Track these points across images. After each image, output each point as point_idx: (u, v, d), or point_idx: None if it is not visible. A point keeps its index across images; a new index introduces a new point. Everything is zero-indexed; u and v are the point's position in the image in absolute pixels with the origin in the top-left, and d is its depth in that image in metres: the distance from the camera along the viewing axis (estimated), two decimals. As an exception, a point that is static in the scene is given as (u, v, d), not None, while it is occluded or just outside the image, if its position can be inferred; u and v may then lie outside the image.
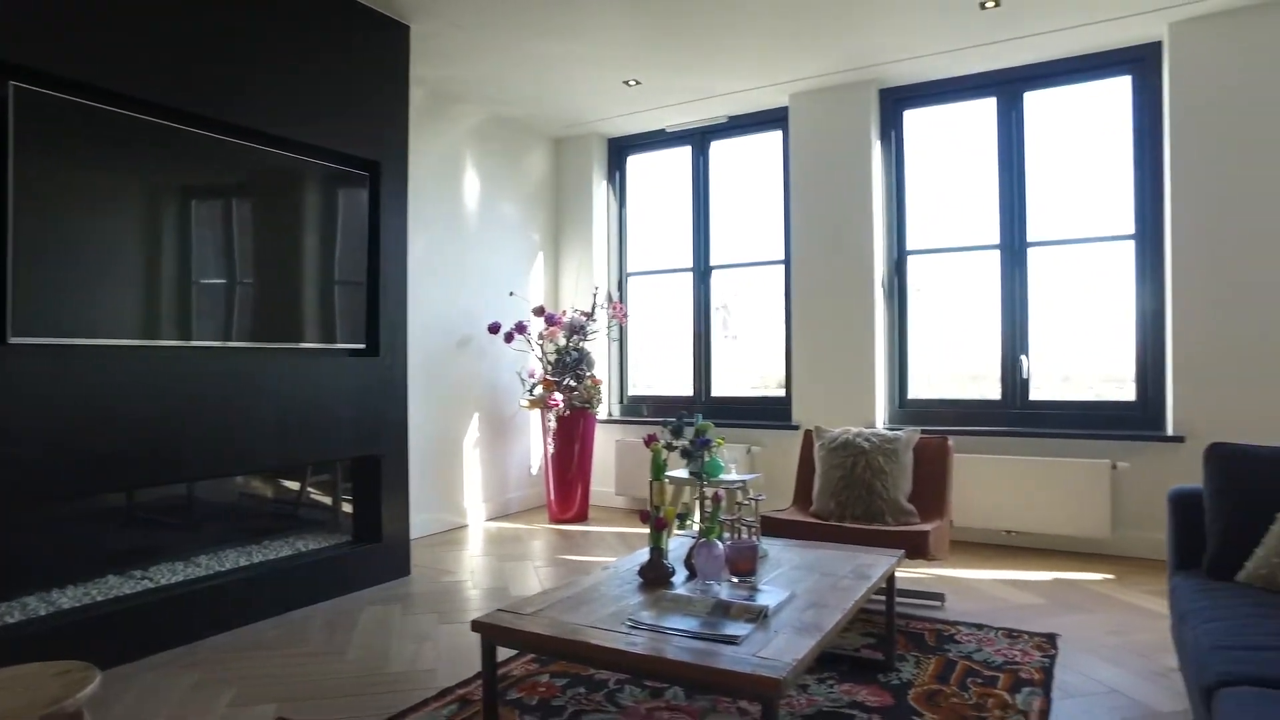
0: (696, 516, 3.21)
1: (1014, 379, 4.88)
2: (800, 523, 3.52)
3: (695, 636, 1.99)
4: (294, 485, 4.18)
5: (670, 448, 2.62)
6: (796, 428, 5.25)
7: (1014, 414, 4.85)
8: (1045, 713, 2.52)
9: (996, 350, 4.96)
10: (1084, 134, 4.89)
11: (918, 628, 3.30)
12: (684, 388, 6.10)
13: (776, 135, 5.69)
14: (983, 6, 4.16)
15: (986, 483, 4.62)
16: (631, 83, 5.21)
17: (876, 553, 2.86)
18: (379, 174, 4.13)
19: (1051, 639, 3.16)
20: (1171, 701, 2.58)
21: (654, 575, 2.48)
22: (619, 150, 6.38)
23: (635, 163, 6.41)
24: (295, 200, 3.74)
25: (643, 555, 2.66)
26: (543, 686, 2.75)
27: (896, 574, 4.04)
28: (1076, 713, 2.53)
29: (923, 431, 3.92)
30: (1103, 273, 4.79)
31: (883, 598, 2.91)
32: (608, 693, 2.68)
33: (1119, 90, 4.72)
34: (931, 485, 3.71)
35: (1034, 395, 4.85)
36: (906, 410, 5.16)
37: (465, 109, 5.55)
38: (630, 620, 2.09)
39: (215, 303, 3.43)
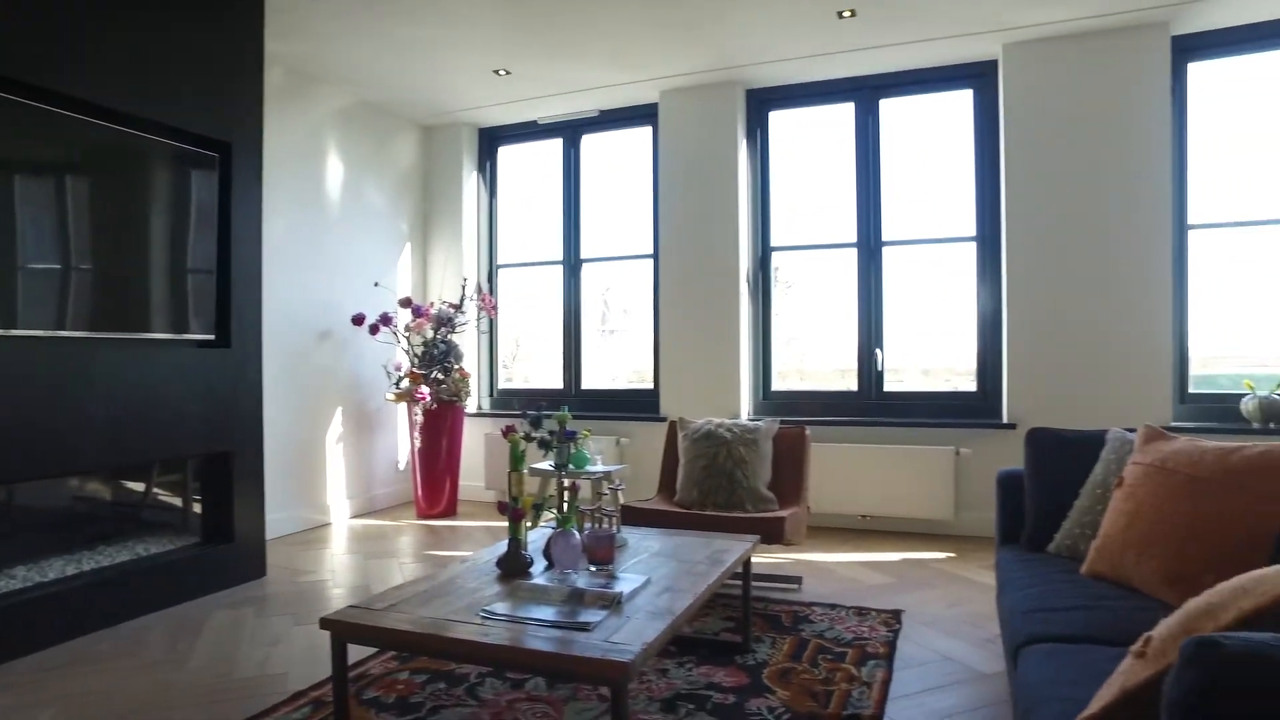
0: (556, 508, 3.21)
1: (869, 371, 5.15)
2: (662, 511, 3.59)
3: (548, 625, 2.00)
4: (139, 486, 3.91)
5: (529, 439, 2.61)
6: (664, 420, 5.34)
7: (869, 405, 5.12)
8: (887, 682, 2.68)
9: (855, 344, 5.21)
10: (933, 141, 5.21)
11: (775, 610, 3.42)
12: (555, 381, 6.09)
13: (647, 131, 5.76)
14: (840, 16, 4.35)
15: (844, 470, 4.86)
16: (502, 72, 5.15)
17: (734, 539, 2.96)
18: (230, 155, 3.90)
19: (897, 615, 3.36)
20: (995, 664, 2.80)
21: (512, 566, 2.47)
22: (490, 140, 6.29)
23: (507, 154, 6.34)
24: (137, 181, 3.49)
25: (503, 548, 2.65)
26: (401, 684, 2.69)
27: (758, 559, 4.23)
28: (913, 680, 2.70)
29: (782, 422, 4.07)
30: (950, 272, 5.11)
31: (741, 582, 3.01)
32: (468, 687, 2.65)
33: (963, 102, 5.05)
34: (790, 473, 3.87)
35: (888, 387, 5.13)
36: (770, 402, 5.35)
37: (328, 91, 5.33)
38: (484, 612, 2.08)
39: (45, 289, 3.15)
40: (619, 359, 6.06)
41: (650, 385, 5.70)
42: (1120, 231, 4.49)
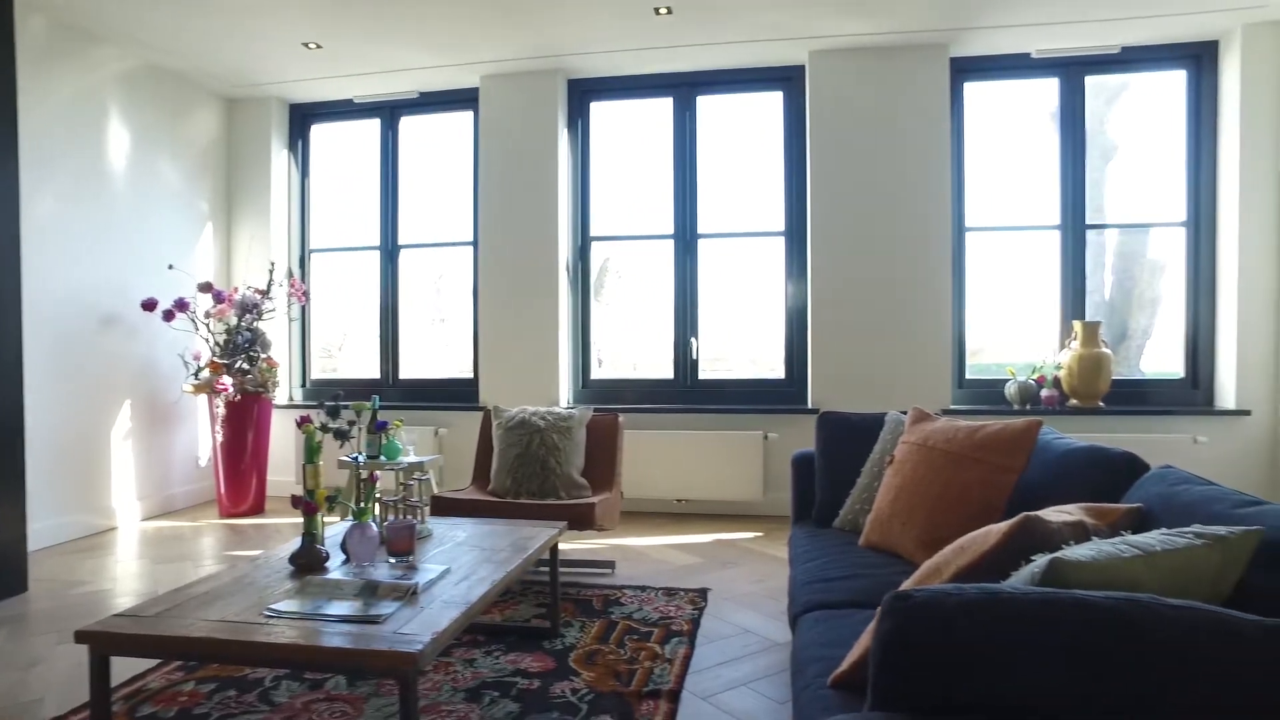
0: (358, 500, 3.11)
1: (685, 359, 5.33)
2: (473, 500, 3.55)
3: (337, 620, 1.94)
4: None
5: (326, 430, 2.51)
6: (484, 409, 5.28)
7: (685, 392, 5.30)
8: (688, 658, 2.79)
9: (672, 333, 5.38)
10: (747, 138, 5.45)
11: (587, 595, 3.48)
12: (372, 370, 5.87)
13: (468, 115, 5.65)
14: (657, 12, 4.45)
15: (661, 456, 5.00)
16: (312, 45, 4.88)
17: (542, 526, 2.98)
18: (-23, 118, 3.46)
19: (703, 593, 3.51)
20: (788, 634, 2.99)
21: (306, 562, 2.37)
22: (303, 117, 5.95)
23: (321, 132, 6.02)
24: None
25: (299, 543, 2.53)
26: (185, 695, 2.51)
27: (572, 545, 4.28)
28: (714, 653, 2.83)
29: (595, 410, 4.13)
30: (761, 264, 5.38)
31: (549, 569, 3.03)
32: (261, 692, 2.52)
33: (774, 103, 5.32)
34: (603, 460, 3.94)
35: (703, 375, 5.33)
36: (590, 390, 5.42)
37: (108, 52, 4.83)
38: (269, 610, 1.98)
39: None
40: (452, 348, 5.91)
41: (470, 374, 5.61)
42: (909, 231, 4.89)
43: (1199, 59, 4.91)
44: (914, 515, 2.25)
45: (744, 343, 5.51)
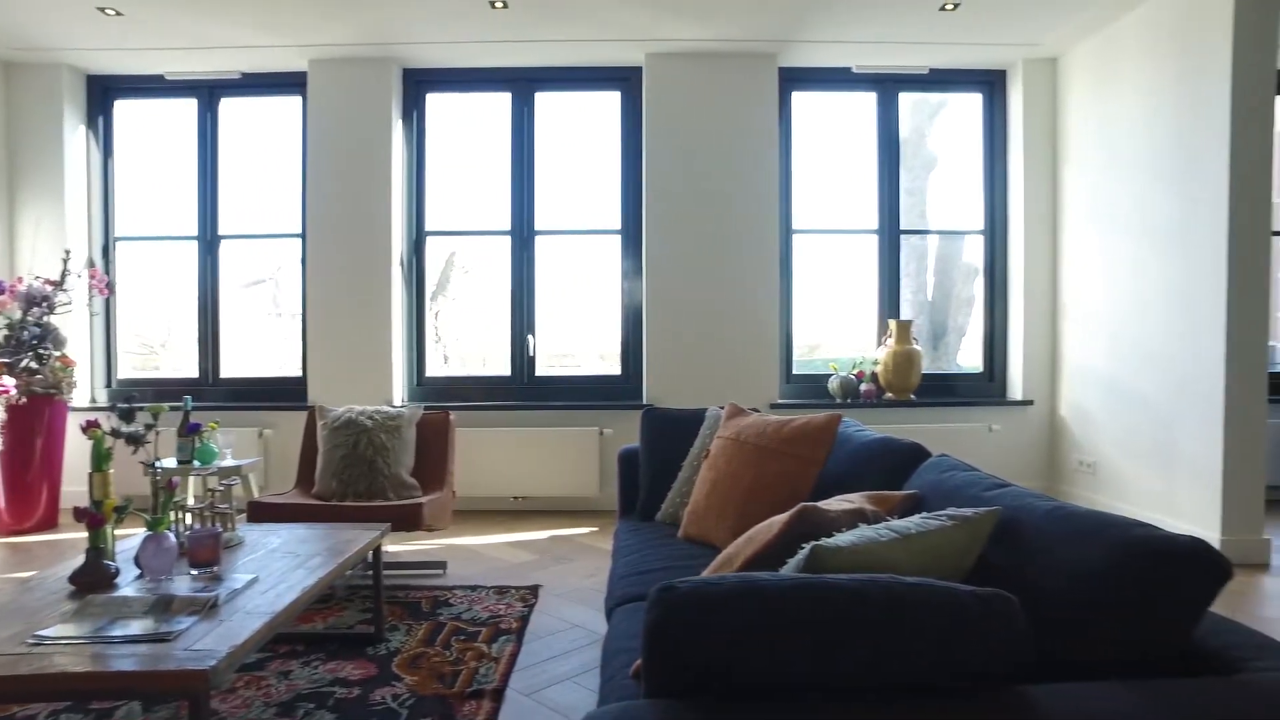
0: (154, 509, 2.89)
1: (522, 357, 5.31)
2: (295, 505, 3.39)
3: (122, 641, 1.80)
4: None
5: (118, 435, 2.32)
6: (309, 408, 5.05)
7: (523, 389, 5.28)
8: (515, 655, 2.79)
9: (509, 330, 5.34)
10: (585, 136, 5.48)
11: (416, 596, 3.40)
12: (191, 368, 5.47)
13: (296, 100, 5.36)
14: (493, 6, 4.40)
15: (498, 454, 4.96)
16: (110, 11, 4.47)
17: (363, 528, 2.88)
18: None
19: (535, 590, 3.51)
20: (615, 627, 3.05)
21: (90, 580, 2.18)
22: (104, 91, 5.44)
23: (127, 109, 5.53)
24: None
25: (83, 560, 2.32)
26: (-58, 736, 2.25)
27: (404, 547, 4.18)
28: (541, 649, 2.85)
29: (426, 408, 4.05)
30: (598, 261, 5.43)
31: (373, 572, 2.94)
32: (37, 725, 2.30)
33: (612, 102, 5.38)
34: (435, 459, 3.86)
35: (540, 372, 5.33)
36: (426, 388, 5.30)
37: None
38: (34, 637, 1.81)
39: None
40: (293, 344, 5.55)
41: (299, 373, 5.34)
42: (740, 232, 5.09)
43: (992, 85, 5.40)
44: (727, 507, 2.35)
45: (582, 340, 5.55)
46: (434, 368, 5.43)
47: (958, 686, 0.98)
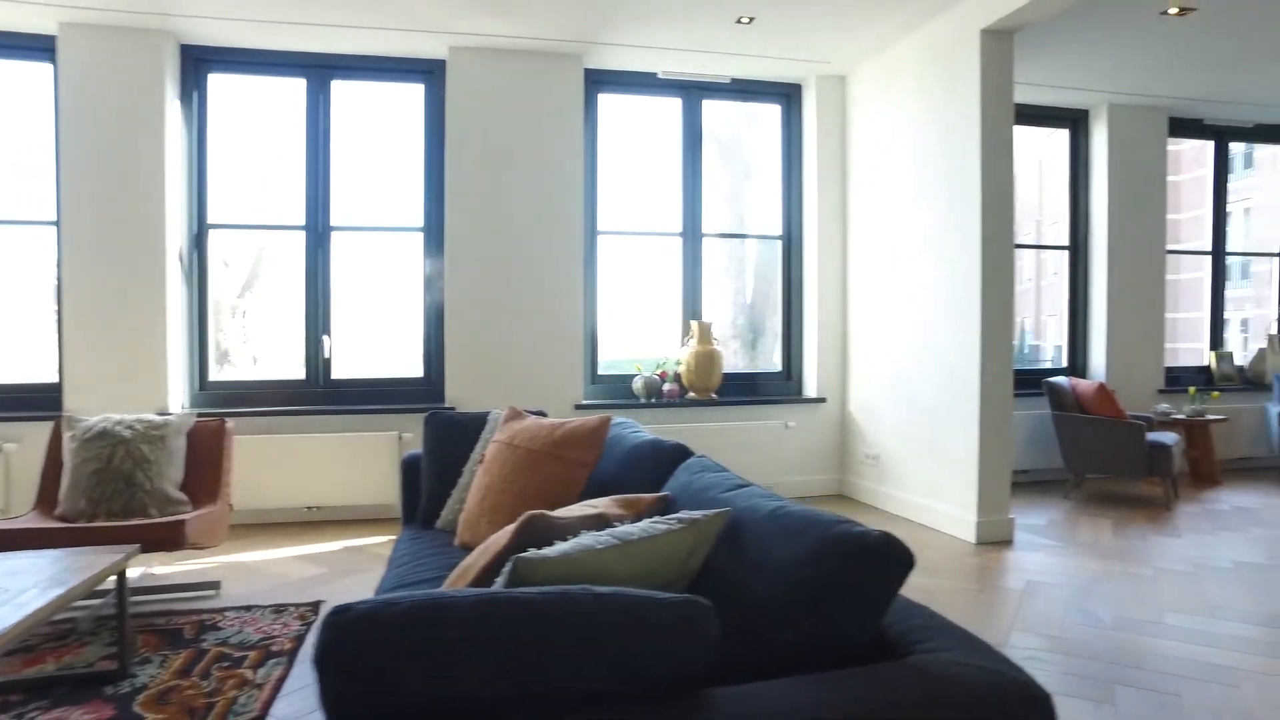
0: None
1: (317, 358, 5.02)
2: (29, 530, 3.01)
3: None
4: None
5: None
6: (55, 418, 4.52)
7: (317, 392, 4.99)
8: (282, 680, 2.61)
9: (303, 330, 5.02)
10: (387, 129, 5.26)
11: (179, 623, 3.12)
12: (-86, 374, 4.74)
13: (47, 68, 4.77)
14: (277, -17, 4.12)
15: (290, 462, 4.65)
16: None
17: (105, 552, 2.60)
18: None
19: (316, 606, 3.31)
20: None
21: None
22: None
23: None
24: None
25: None
26: None
27: (175, 568, 3.82)
28: (310, 673, 2.68)
29: (200, 415, 3.73)
30: (400, 260, 5.22)
31: (118, 600, 2.66)
32: None
33: (416, 95, 5.19)
34: (207, 470, 3.56)
35: (336, 374, 5.06)
36: (210, 393, 4.89)
37: None
38: None
39: None
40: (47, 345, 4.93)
41: (54, 378, 4.76)
42: (544, 232, 5.06)
43: (789, 97, 5.69)
44: (499, 513, 2.30)
45: (384, 341, 5.32)
46: (225, 372, 5.01)
47: (645, 694, 0.98)
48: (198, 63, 4.88)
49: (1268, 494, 5.62)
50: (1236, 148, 7.28)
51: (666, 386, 5.25)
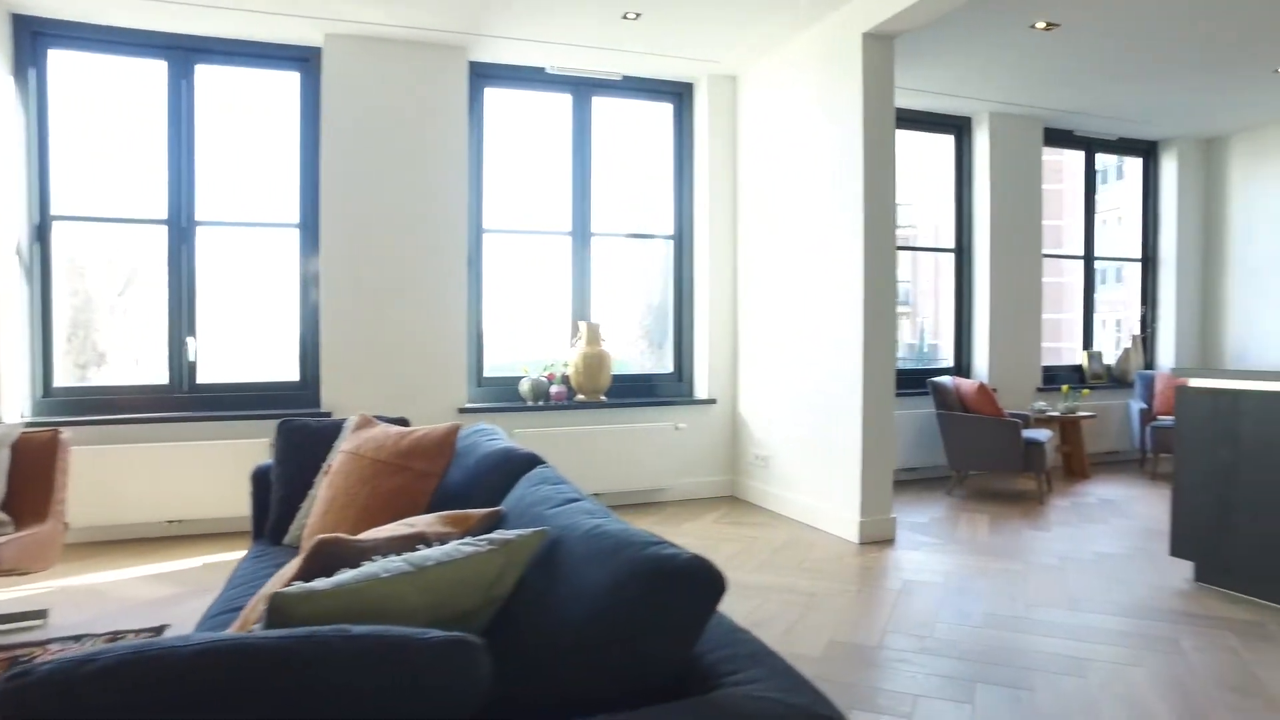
0: None
1: (181, 361, 4.69)
2: None
3: None
4: None
5: None
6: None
7: (181, 398, 4.67)
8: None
9: (166, 332, 4.69)
10: (259, 119, 4.96)
11: (-5, 655, 2.82)
12: None
13: None
14: (126, -44, 3.81)
15: (150, 472, 4.33)
16: None
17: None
18: None
19: (160, 630, 3.06)
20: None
21: None
22: None
23: None
24: None
25: None
26: None
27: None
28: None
29: (29, 426, 3.41)
30: (274, 257, 4.94)
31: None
32: None
33: (291, 83, 4.91)
34: (37, 487, 3.24)
35: (202, 378, 4.74)
36: (55, 400, 4.50)
37: None
38: None
39: None
40: None
41: (-128, 383, 4.30)
42: (427, 230, 4.87)
43: (681, 96, 5.65)
44: (344, 523, 2.15)
45: (256, 342, 5.02)
46: (99, 375, 4.62)
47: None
48: (34, 36, 4.48)
49: (1130, 486, 5.90)
50: (1112, 159, 7.66)
51: (554, 389, 5.13)
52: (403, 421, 2.93)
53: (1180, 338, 7.27)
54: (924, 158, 6.72)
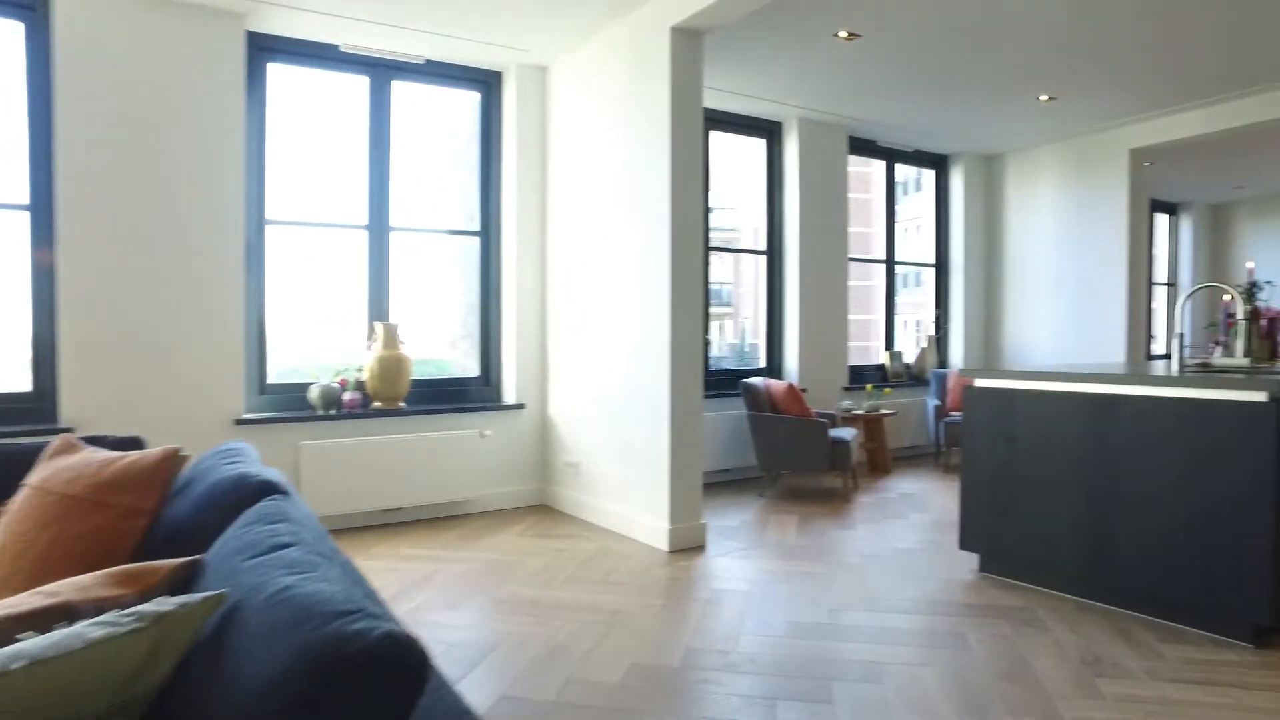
0: None
1: None
2: None
3: None
4: None
5: None
6: None
7: None
8: None
9: None
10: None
11: None
12: None
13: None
14: None
15: None
16: None
17: None
18: None
19: None
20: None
21: None
22: None
23: None
24: None
25: None
26: None
27: None
28: None
29: None
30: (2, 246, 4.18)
31: None
32: None
33: (15, 35, 4.16)
34: None
35: (-103, 389, 3.93)
36: None
37: None
38: None
39: None
40: None
41: None
42: (195, 219, 4.29)
43: (489, 84, 5.36)
44: (13, 581, 1.71)
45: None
46: None
47: None
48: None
49: (927, 479, 6.23)
50: (915, 170, 8.11)
51: (347, 396, 4.68)
52: (133, 443, 2.48)
53: (968, 338, 7.82)
54: (744, 162, 6.80)
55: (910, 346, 8.19)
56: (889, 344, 7.57)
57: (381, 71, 5.01)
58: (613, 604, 3.42)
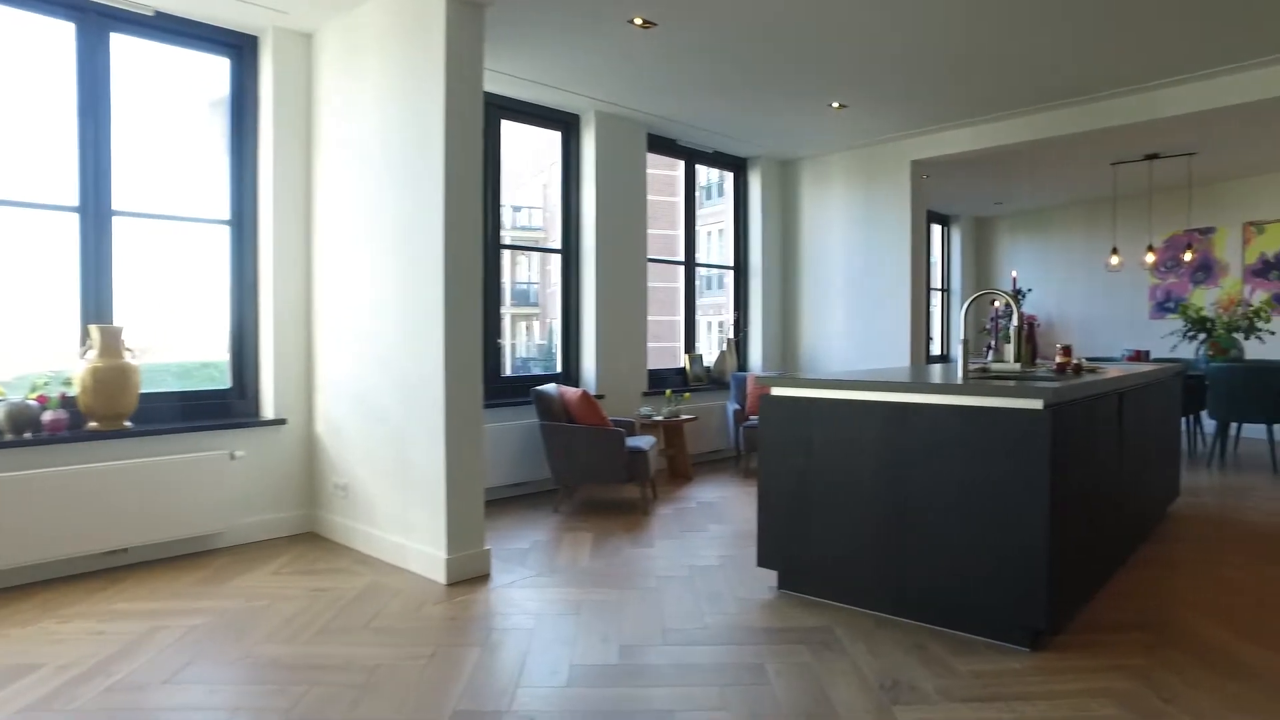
0: None
1: None
2: None
3: None
4: None
5: None
6: None
7: None
8: None
9: None
10: None
11: None
12: None
13: None
14: None
15: None
16: None
17: None
18: None
19: None
20: None
21: None
22: None
23: None
24: None
25: None
26: None
27: None
28: None
29: None
30: None
31: None
32: None
33: None
34: None
35: None
36: None
37: None
38: None
39: None
40: None
41: None
42: None
43: (241, 50, 4.62)
44: None
45: None
46: None
47: None
48: None
49: (727, 486, 6.15)
50: (717, 174, 8.07)
51: (49, 416, 3.81)
52: None
53: (766, 340, 7.90)
54: (550, 160, 6.41)
55: (713, 349, 8.18)
56: (689, 347, 7.49)
57: (93, 19, 4.15)
58: (373, 658, 2.92)
